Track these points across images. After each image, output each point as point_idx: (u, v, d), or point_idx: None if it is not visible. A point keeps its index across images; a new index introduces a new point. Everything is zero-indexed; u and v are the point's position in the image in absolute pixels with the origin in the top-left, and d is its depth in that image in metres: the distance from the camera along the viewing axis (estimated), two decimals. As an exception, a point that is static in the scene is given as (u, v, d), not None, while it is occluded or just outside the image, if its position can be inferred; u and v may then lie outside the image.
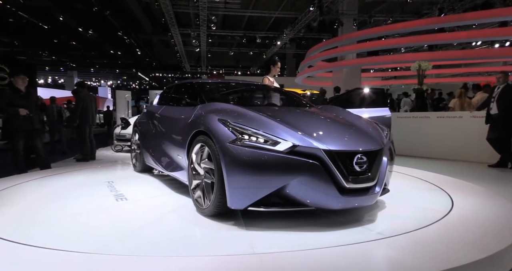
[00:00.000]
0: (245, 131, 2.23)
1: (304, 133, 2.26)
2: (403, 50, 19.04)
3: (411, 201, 3.16)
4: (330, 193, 2.12)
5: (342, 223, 2.37)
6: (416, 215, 2.64)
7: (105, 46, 22.50)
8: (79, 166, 5.36)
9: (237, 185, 2.16)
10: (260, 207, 2.16)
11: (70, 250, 1.88)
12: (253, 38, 18.63)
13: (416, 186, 3.81)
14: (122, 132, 7.84)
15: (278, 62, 4.66)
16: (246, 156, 2.13)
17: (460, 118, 6.46)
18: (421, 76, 7.86)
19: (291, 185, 2.11)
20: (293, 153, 2.13)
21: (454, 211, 2.73)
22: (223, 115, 2.48)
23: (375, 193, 2.29)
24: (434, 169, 5.04)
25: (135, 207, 2.82)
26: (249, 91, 4.07)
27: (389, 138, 2.75)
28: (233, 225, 2.32)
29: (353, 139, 2.38)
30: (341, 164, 2.17)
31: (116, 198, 3.07)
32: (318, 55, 13.97)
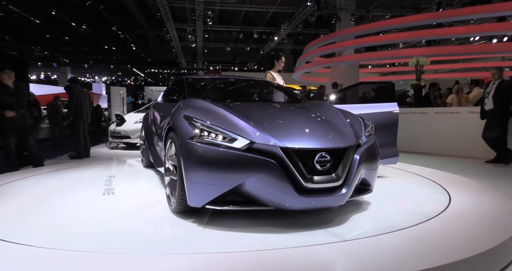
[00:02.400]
0: (205, 127, 2.25)
1: (265, 130, 2.23)
2: (401, 45, 19.06)
3: (408, 197, 3.18)
4: (287, 193, 2.08)
5: (312, 223, 2.32)
6: (413, 211, 2.64)
7: (99, 41, 22.30)
8: (73, 164, 5.34)
9: (194, 182, 2.17)
10: (218, 206, 2.17)
11: (20, 243, 1.96)
12: (250, 33, 18.54)
13: (413, 182, 3.82)
14: (117, 129, 7.79)
15: (282, 56, 4.64)
16: (203, 152, 2.15)
17: (457, 113, 6.50)
18: (419, 72, 7.87)
19: (248, 183, 2.09)
20: (250, 151, 2.13)
21: (451, 206, 2.75)
22: (191, 111, 2.50)
23: (341, 195, 2.20)
24: (432, 165, 5.06)
25: (113, 202, 2.93)
26: (236, 87, 4.11)
27: (370, 135, 2.66)
28: (193, 222, 2.33)
29: (317, 136, 2.30)
30: (300, 162, 2.13)
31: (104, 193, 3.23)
32: (316, 50, 13.93)
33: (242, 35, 18.56)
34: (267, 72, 4.63)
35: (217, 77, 4.37)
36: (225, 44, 22.47)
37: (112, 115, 13.06)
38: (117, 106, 14.47)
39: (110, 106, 14.53)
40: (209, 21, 15.53)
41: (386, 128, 3.60)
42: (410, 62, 8.03)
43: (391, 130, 3.63)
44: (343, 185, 2.24)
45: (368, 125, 2.75)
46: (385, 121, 3.61)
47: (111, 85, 20.71)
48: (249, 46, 22.21)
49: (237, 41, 21.56)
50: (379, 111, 3.61)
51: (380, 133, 3.58)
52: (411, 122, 7.08)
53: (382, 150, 3.56)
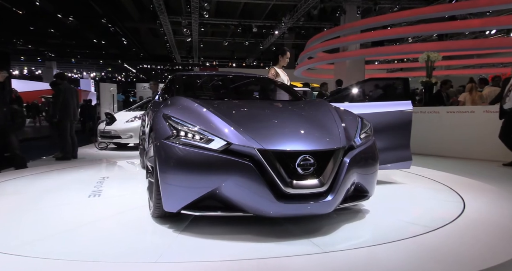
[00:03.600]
0: (182, 127, 2.26)
1: (245, 131, 2.22)
2: (411, 40, 19.06)
3: (419, 203, 3.17)
4: (265, 198, 2.06)
5: (296, 232, 2.30)
6: (424, 218, 2.62)
7: (88, 34, 22.24)
8: (59, 165, 5.30)
9: (169, 185, 2.18)
10: (194, 211, 2.17)
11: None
12: (249, 27, 18.52)
13: (424, 186, 3.81)
14: (106, 128, 7.76)
15: (287, 52, 4.63)
16: (178, 153, 2.16)
17: (472, 113, 6.48)
18: (430, 68, 7.85)
19: (225, 187, 2.09)
20: (227, 152, 2.13)
21: (465, 213, 2.73)
22: (171, 110, 2.52)
23: (326, 202, 2.15)
24: (444, 168, 5.05)
25: (96, 204, 3.02)
26: (230, 84, 4.14)
27: (367, 136, 2.64)
28: (169, 228, 2.36)
29: (301, 138, 2.28)
30: (281, 166, 2.12)
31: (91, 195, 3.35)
32: (319, 45, 13.93)
33: (241, 29, 18.53)
34: (270, 68, 4.61)
35: (212, 74, 4.45)
36: (222, 38, 22.44)
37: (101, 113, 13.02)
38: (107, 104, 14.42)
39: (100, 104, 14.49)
40: (206, 13, 15.50)
41: (398, 129, 3.55)
42: (420, 57, 8.01)
43: (404, 131, 3.57)
44: (328, 191, 2.19)
45: (366, 125, 2.71)
46: (397, 121, 3.55)
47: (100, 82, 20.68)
48: (248, 41, 22.17)
49: (235, 35, 21.52)
50: (390, 110, 3.56)
51: (392, 134, 3.53)
52: (422, 121, 7.06)
53: (393, 153, 3.55)
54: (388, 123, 3.54)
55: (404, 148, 3.59)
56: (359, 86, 3.88)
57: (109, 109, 13.58)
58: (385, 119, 3.54)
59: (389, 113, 3.56)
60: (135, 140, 7.37)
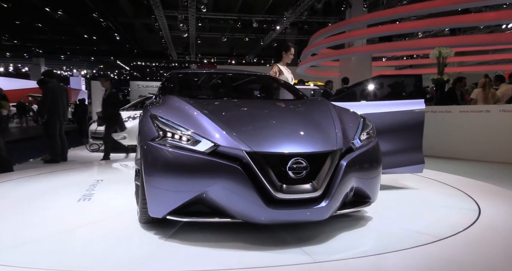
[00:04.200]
0: (168, 128, 2.28)
1: (235, 132, 2.23)
2: (421, 34, 19.05)
3: (429, 209, 3.14)
4: (254, 203, 2.06)
5: (289, 240, 2.29)
6: (436, 225, 2.60)
7: (78, 29, 22.26)
8: (47, 168, 5.28)
9: (155, 188, 2.19)
10: (181, 217, 2.19)
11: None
12: (249, 22, 18.53)
13: (435, 191, 3.78)
14: (99, 129, 7.74)
15: (291, 48, 4.59)
16: (163, 155, 2.18)
17: (487, 112, 6.45)
18: (442, 65, 7.82)
19: (213, 191, 2.10)
20: (214, 155, 2.14)
21: (481, 220, 2.71)
22: (159, 109, 2.55)
23: (320, 208, 2.14)
24: (457, 171, 5.03)
25: (84, 209, 3.06)
26: (227, 83, 4.16)
27: (369, 138, 2.63)
28: (155, 234, 2.36)
29: (294, 139, 2.28)
30: (271, 169, 2.12)
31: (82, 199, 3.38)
32: (323, 41, 13.92)
33: (240, 24, 18.55)
34: (273, 65, 4.58)
35: (208, 72, 4.49)
36: (221, 34, 22.47)
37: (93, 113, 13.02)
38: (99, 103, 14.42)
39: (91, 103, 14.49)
40: (203, 7, 15.51)
41: (409, 130, 3.51)
42: (431, 53, 7.97)
43: (416, 132, 3.52)
44: (323, 196, 2.18)
45: (367, 126, 2.70)
46: (408, 121, 3.52)
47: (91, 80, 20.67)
48: (247, 36, 22.20)
49: (235, 31, 21.55)
50: (401, 110, 3.52)
51: (402, 135, 3.50)
52: (433, 122, 7.03)
53: (404, 156, 3.51)
54: (398, 123, 3.50)
55: (415, 150, 3.54)
56: (367, 84, 3.85)
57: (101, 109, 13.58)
58: (395, 119, 3.51)
59: (400, 112, 3.52)
60: (129, 142, 7.35)
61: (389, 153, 3.48)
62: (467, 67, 19.33)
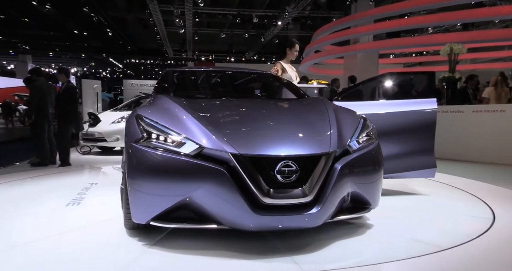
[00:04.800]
0: (153, 129, 2.31)
1: (222, 134, 2.25)
2: (431, 30, 19.05)
3: (440, 215, 3.13)
4: (240, 209, 2.07)
5: (280, 248, 2.30)
6: (448, 231, 2.59)
7: (67, 24, 22.27)
8: (35, 172, 5.27)
9: (138, 192, 2.21)
10: (165, 223, 2.21)
11: None
12: (248, 17, 18.57)
13: (447, 196, 3.78)
14: (90, 130, 7.75)
15: (296, 44, 4.60)
16: (147, 157, 2.20)
17: (502, 112, 6.43)
18: (453, 62, 7.83)
19: (198, 196, 2.11)
20: (199, 157, 2.16)
21: (496, 226, 2.71)
22: (146, 110, 2.59)
23: (311, 214, 2.14)
24: (470, 174, 5.02)
25: (71, 214, 3.09)
26: (223, 81, 4.19)
27: (369, 139, 2.62)
28: (139, 241, 2.38)
29: (283, 141, 2.28)
30: (258, 172, 2.13)
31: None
32: (327, 37, 13.93)
33: (240, 19, 18.57)
34: (276, 62, 4.57)
35: (205, 70, 4.53)
36: (219, 30, 22.50)
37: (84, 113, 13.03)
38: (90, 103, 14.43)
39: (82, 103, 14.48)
40: (200, 2, 15.54)
41: (420, 131, 3.49)
42: (442, 50, 7.99)
43: (427, 133, 3.50)
44: (315, 202, 2.18)
45: (367, 127, 2.69)
46: (419, 121, 3.50)
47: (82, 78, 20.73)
48: (247, 33, 22.24)
49: (234, 27, 21.57)
50: (411, 109, 3.50)
51: (413, 137, 3.49)
52: (444, 122, 7.02)
53: (415, 160, 3.50)
54: (408, 124, 3.48)
55: (427, 153, 3.52)
56: (376, 82, 3.84)
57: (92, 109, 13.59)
58: (405, 120, 3.49)
59: (410, 112, 3.50)
60: (122, 144, 7.34)
61: (398, 156, 3.47)
62: (481, 64, 19.23)
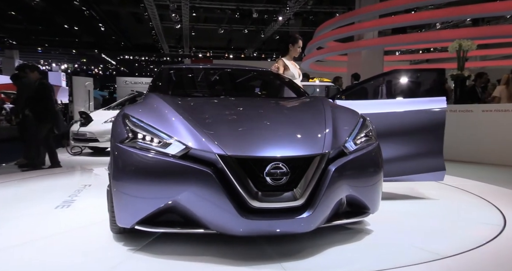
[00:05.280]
0: (139, 129, 2.34)
1: (209, 134, 2.26)
2: (439, 25, 19.05)
3: (449, 219, 3.13)
4: (227, 213, 2.07)
5: (270, 254, 2.29)
6: (456, 237, 2.60)
7: (57, 18, 22.23)
8: (23, 174, 5.27)
9: (123, 194, 2.23)
10: (150, 227, 2.22)
11: None
12: (248, 12, 18.56)
13: (456, 199, 3.78)
14: (81, 130, 7.76)
15: (299, 40, 4.60)
16: (131, 158, 2.23)
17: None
18: (462, 59, 7.82)
19: (184, 199, 2.13)
20: (186, 158, 2.18)
21: (507, 230, 2.70)
22: (134, 109, 2.62)
23: (302, 218, 2.14)
24: (479, 177, 5.02)
25: (59, 217, 3.13)
26: (219, 79, 4.20)
27: (368, 140, 2.62)
28: (124, 245, 2.40)
29: (274, 142, 2.29)
30: (246, 174, 2.14)
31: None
32: (330, 33, 13.92)
33: (239, 15, 18.56)
34: (278, 59, 4.56)
35: (200, 67, 4.56)
36: (217, 25, 22.49)
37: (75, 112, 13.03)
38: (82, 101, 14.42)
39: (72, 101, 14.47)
40: (197, -5, 15.51)
41: (428, 132, 3.48)
42: (450, 47, 7.97)
43: (435, 134, 3.48)
44: (306, 206, 2.18)
45: (366, 127, 2.69)
46: (427, 121, 3.48)
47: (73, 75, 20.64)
48: (247, 28, 22.23)
49: (232, 22, 21.55)
50: (419, 109, 3.49)
51: (420, 138, 3.48)
52: (452, 122, 7.01)
53: (422, 162, 3.49)
54: (415, 124, 3.47)
55: (435, 155, 3.50)
56: (381, 80, 3.83)
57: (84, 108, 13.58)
58: (412, 119, 3.48)
59: (417, 112, 3.48)
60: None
61: (404, 158, 3.48)
62: (491, 61, 19.25)
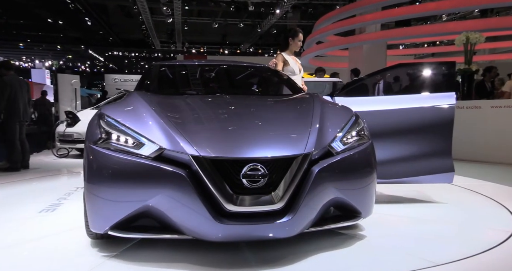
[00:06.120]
0: (113, 129, 2.35)
1: (185, 134, 2.26)
2: (445, 17, 19.09)
3: (458, 220, 3.15)
4: (202, 217, 2.08)
5: (250, 261, 2.29)
6: (464, 239, 2.62)
7: (40, 12, 22.14)
8: (5, 178, 5.23)
9: (95, 197, 2.24)
10: (124, 233, 2.22)
11: None
12: (244, 5, 18.55)
13: (463, 200, 3.81)
14: (68, 130, 7.74)
15: (300, 33, 4.58)
16: (104, 160, 2.25)
17: (524, 108, 6.46)
18: (470, 53, 7.84)
19: (158, 203, 2.13)
20: (159, 159, 2.18)
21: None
22: (112, 109, 2.64)
23: (283, 223, 2.13)
24: (488, 176, 5.03)
25: (41, 221, 3.16)
26: (209, 76, 4.22)
27: (360, 139, 2.60)
28: (100, 251, 2.41)
29: (253, 142, 2.28)
30: (222, 176, 2.15)
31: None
32: (330, 27, 13.94)
33: (234, 8, 18.56)
34: (278, 54, 4.55)
35: (191, 63, 4.62)
36: (211, 19, 22.48)
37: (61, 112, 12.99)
38: (68, 100, 14.39)
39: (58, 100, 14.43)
40: (190, -13, 15.49)
41: (435, 130, 3.45)
42: (457, 39, 8.00)
43: (443, 132, 3.44)
44: (287, 209, 2.17)
45: (358, 126, 2.67)
46: (434, 119, 3.44)
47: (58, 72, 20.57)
48: (243, 22, 22.23)
49: (227, 16, 21.56)
50: (426, 106, 3.45)
51: (427, 137, 3.46)
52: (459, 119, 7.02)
53: (429, 163, 3.47)
54: (421, 122, 3.45)
55: (443, 155, 3.46)
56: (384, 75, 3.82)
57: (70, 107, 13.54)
58: (417, 117, 3.46)
59: (424, 109, 3.46)
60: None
61: (410, 158, 3.47)
62: (501, 54, 19.30)
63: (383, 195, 3.93)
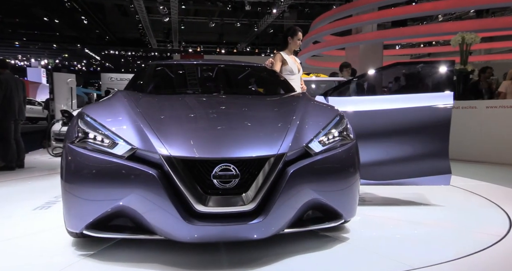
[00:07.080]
0: (90, 128, 2.38)
1: (158, 134, 2.28)
2: (441, 17, 19.15)
3: (453, 220, 3.14)
4: (172, 217, 2.08)
5: (223, 263, 2.27)
6: (459, 239, 2.61)
7: (36, 10, 22.07)
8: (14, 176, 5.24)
9: (70, 196, 2.27)
10: (98, 232, 2.24)
11: None
12: (240, 4, 18.53)
13: (460, 200, 3.79)
14: (63, 129, 7.70)
15: (299, 32, 4.54)
16: (79, 159, 2.28)
17: (519, 108, 6.47)
18: (466, 53, 7.86)
19: (130, 202, 2.15)
20: (132, 159, 2.21)
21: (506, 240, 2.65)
22: (93, 108, 2.68)
23: (255, 224, 2.11)
24: (484, 177, 5.03)
25: (33, 219, 3.19)
26: (201, 76, 4.19)
27: (343, 140, 2.56)
28: (78, 250, 2.44)
29: (226, 142, 2.28)
30: (193, 177, 2.16)
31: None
32: (327, 27, 13.96)
33: (231, 7, 18.55)
34: (276, 53, 4.53)
35: (184, 63, 4.59)
36: (208, 18, 22.47)
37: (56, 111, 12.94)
38: (64, 99, 14.34)
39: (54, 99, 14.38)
40: (186, -14, 15.47)
41: (432, 131, 3.40)
42: (452, 40, 8.01)
43: (440, 133, 3.39)
44: (259, 211, 2.16)
45: (341, 125, 2.63)
46: (430, 119, 3.40)
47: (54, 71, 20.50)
48: (239, 22, 22.22)
49: (224, 15, 21.56)
50: (422, 105, 3.41)
51: (423, 138, 3.42)
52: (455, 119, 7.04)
53: (425, 164, 3.43)
54: (417, 122, 3.41)
55: (440, 157, 3.41)
56: (382, 74, 3.81)
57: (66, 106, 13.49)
58: (413, 118, 3.42)
59: (420, 109, 3.41)
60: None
61: (405, 159, 3.43)
62: (496, 55, 19.38)
63: (377, 197, 3.91)
